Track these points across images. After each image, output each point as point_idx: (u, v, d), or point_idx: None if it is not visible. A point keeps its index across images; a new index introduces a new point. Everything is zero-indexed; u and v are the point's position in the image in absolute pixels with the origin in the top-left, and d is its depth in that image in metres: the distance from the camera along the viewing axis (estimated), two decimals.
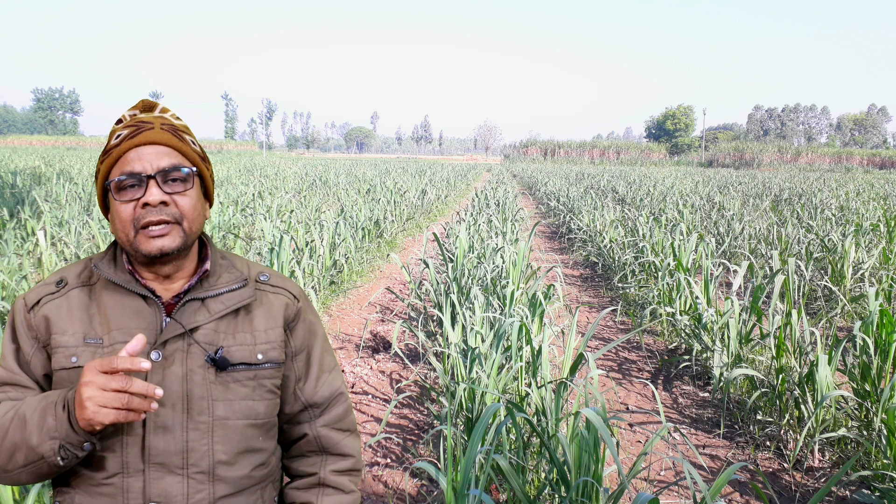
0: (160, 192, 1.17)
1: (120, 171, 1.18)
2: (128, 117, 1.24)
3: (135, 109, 1.26)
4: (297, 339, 1.32)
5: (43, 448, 1.08)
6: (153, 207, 1.16)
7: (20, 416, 1.11)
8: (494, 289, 5.58)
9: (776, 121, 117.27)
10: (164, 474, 1.16)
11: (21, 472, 1.12)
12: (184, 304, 1.21)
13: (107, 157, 1.20)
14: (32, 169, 20.21)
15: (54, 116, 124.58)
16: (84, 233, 8.61)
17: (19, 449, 1.10)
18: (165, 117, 1.25)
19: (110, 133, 1.24)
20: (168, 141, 1.20)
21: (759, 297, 4.85)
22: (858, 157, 71.74)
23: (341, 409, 1.37)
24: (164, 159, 1.19)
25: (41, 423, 1.08)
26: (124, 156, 1.19)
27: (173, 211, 1.18)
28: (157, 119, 1.23)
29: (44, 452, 1.08)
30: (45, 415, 1.09)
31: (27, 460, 1.10)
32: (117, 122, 1.25)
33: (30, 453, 1.09)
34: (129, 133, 1.20)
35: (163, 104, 1.29)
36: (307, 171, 29.97)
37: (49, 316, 1.19)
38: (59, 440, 1.07)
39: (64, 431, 1.07)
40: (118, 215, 1.17)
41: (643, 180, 25.47)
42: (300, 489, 1.34)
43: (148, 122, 1.21)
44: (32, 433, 1.08)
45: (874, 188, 23.74)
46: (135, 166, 1.17)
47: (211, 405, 1.19)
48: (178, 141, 1.21)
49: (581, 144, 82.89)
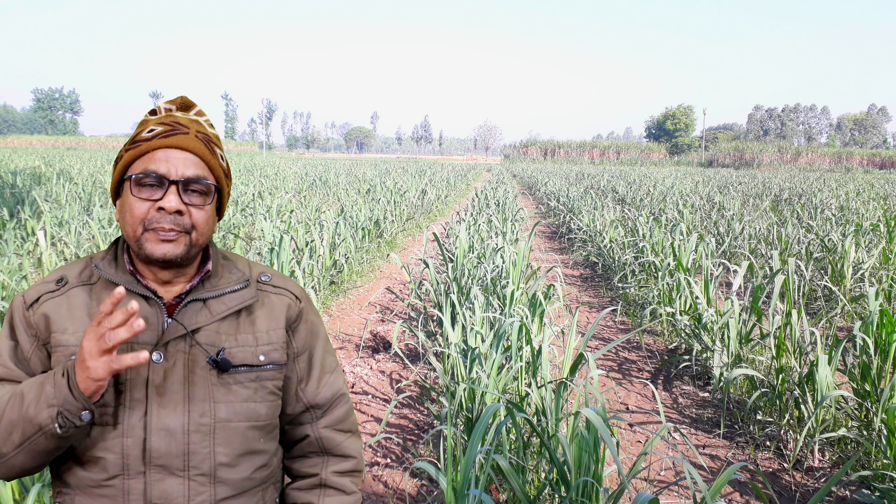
0: (178, 200, 1.15)
1: (144, 166, 1.16)
2: (163, 111, 1.22)
3: (171, 104, 1.24)
4: (299, 340, 1.31)
5: (41, 417, 1.06)
6: (168, 214, 1.14)
7: (17, 393, 1.10)
8: (494, 289, 5.57)
9: (776, 121, 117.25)
10: (165, 476, 1.15)
11: (18, 454, 1.10)
12: (185, 304, 1.20)
13: (134, 147, 1.18)
14: (32, 169, 20.21)
15: (54, 116, 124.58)
16: (84, 233, 8.61)
17: (16, 426, 1.08)
18: (201, 122, 1.23)
19: (142, 122, 1.22)
20: (199, 151, 1.19)
21: (759, 297, 4.85)
22: (858, 157, 71.74)
23: (343, 411, 1.36)
24: (191, 168, 1.17)
25: (39, 392, 1.07)
26: (152, 153, 1.17)
27: (185, 221, 1.16)
28: (194, 124, 1.21)
29: (41, 421, 1.07)
30: (44, 384, 1.08)
31: (24, 435, 1.08)
32: (151, 113, 1.23)
33: (27, 426, 1.08)
34: (163, 131, 1.18)
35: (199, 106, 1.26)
36: (307, 171, 29.97)
37: (49, 314, 1.18)
38: (56, 406, 1.06)
39: (62, 397, 1.06)
40: (130, 210, 1.16)
41: (643, 180, 25.46)
42: (301, 490, 1.34)
43: (184, 125, 1.20)
44: (30, 405, 1.07)
45: (874, 188, 23.74)
46: (160, 167, 1.15)
47: (213, 407, 1.18)
48: (208, 153, 1.20)
49: (581, 144, 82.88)
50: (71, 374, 1.06)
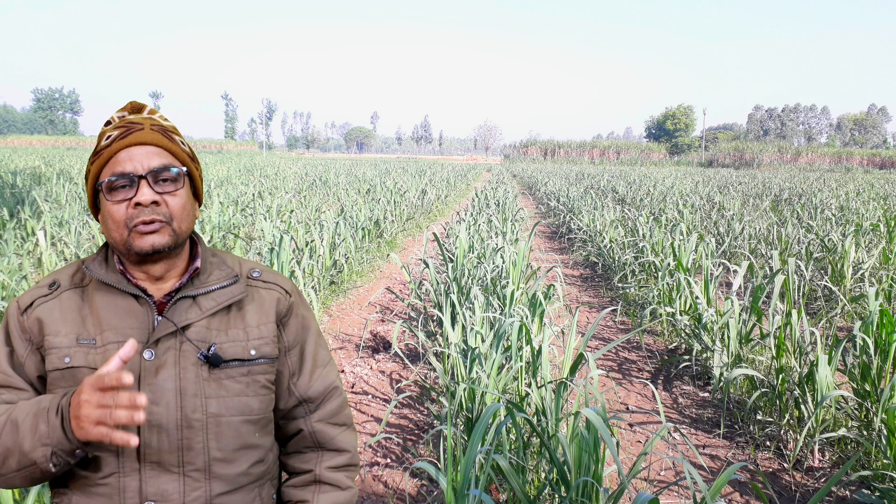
0: (151, 191, 1.18)
1: (111, 171, 1.19)
2: (116, 119, 1.25)
3: (123, 111, 1.27)
4: (290, 333, 1.32)
5: (35, 454, 1.09)
6: (145, 207, 1.17)
7: (13, 420, 1.12)
8: (494, 289, 5.57)
9: (776, 121, 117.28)
10: (160, 473, 1.16)
11: (15, 476, 1.13)
12: (175, 302, 1.21)
13: (97, 158, 1.21)
14: (32, 169, 20.21)
15: (54, 116, 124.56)
16: (84, 233, 8.61)
17: (12, 454, 1.11)
18: (154, 118, 1.26)
19: (99, 135, 1.25)
20: (158, 141, 1.21)
21: (759, 297, 4.85)
22: (858, 157, 71.74)
23: (336, 404, 1.36)
24: (155, 159, 1.20)
25: (33, 429, 1.09)
26: (115, 156, 1.20)
27: (164, 210, 1.19)
28: (147, 120, 1.24)
29: (36, 458, 1.09)
30: (38, 421, 1.09)
31: (20, 465, 1.11)
32: (106, 124, 1.26)
33: (22, 458, 1.10)
34: (119, 134, 1.21)
35: (151, 106, 1.30)
36: (307, 171, 29.97)
37: (42, 318, 1.20)
38: (50, 447, 1.08)
39: (56, 438, 1.08)
40: (111, 216, 1.18)
41: (643, 180, 25.47)
42: (297, 486, 1.34)
43: (137, 122, 1.22)
44: (25, 439, 1.09)
45: (874, 188, 23.74)
46: (126, 167, 1.18)
47: (204, 402, 1.19)
48: (167, 141, 1.23)
49: (581, 144, 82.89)
50: (65, 416, 1.08)
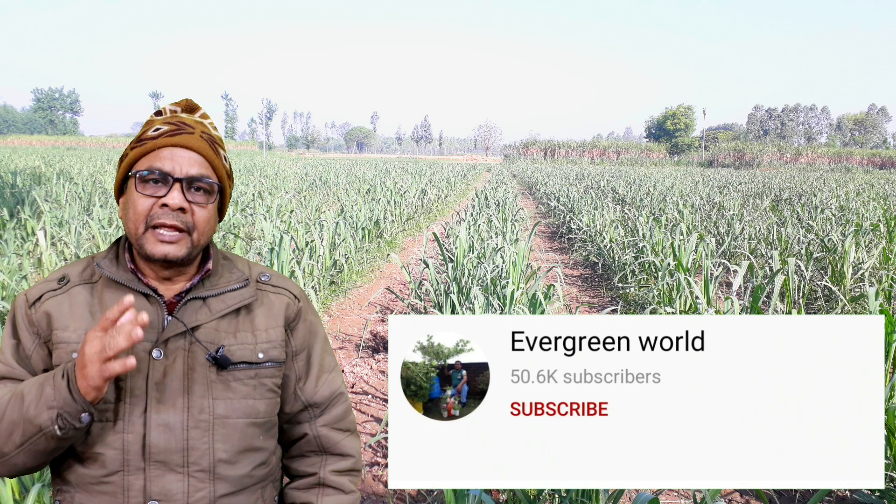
0: (182, 197, 1.18)
1: (149, 164, 1.19)
2: (168, 112, 1.25)
3: (176, 106, 1.27)
4: (298, 338, 1.32)
5: (41, 418, 1.08)
6: (171, 211, 1.17)
7: (18, 394, 1.12)
8: (494, 289, 5.58)
9: (776, 121, 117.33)
10: (164, 472, 1.16)
11: (18, 453, 1.12)
12: (185, 302, 1.22)
13: (140, 145, 1.20)
14: (32, 169, 20.20)
15: (54, 116, 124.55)
16: (84, 233, 8.61)
17: (17, 426, 1.10)
18: (205, 124, 1.26)
19: (147, 122, 1.25)
20: (204, 150, 1.22)
21: (759, 296, 4.85)
22: (858, 157, 71.75)
23: (341, 409, 1.37)
24: (196, 167, 1.20)
25: (39, 394, 1.09)
26: (158, 151, 1.19)
27: (188, 220, 1.19)
28: (198, 125, 1.24)
29: (41, 423, 1.08)
30: (44, 386, 1.10)
31: (24, 436, 1.10)
32: (157, 114, 1.25)
33: (27, 427, 1.09)
34: (169, 130, 1.21)
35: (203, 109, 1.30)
36: (307, 171, 29.97)
37: (50, 312, 1.19)
38: (56, 409, 1.08)
39: (62, 399, 1.07)
40: (134, 206, 1.18)
41: (643, 180, 25.47)
42: (300, 489, 1.35)
43: (189, 125, 1.22)
44: (30, 406, 1.09)
45: (874, 188, 23.75)
46: (165, 164, 1.18)
47: (211, 403, 1.19)
48: (213, 153, 1.23)
49: (581, 144, 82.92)
50: (71, 377, 1.08)
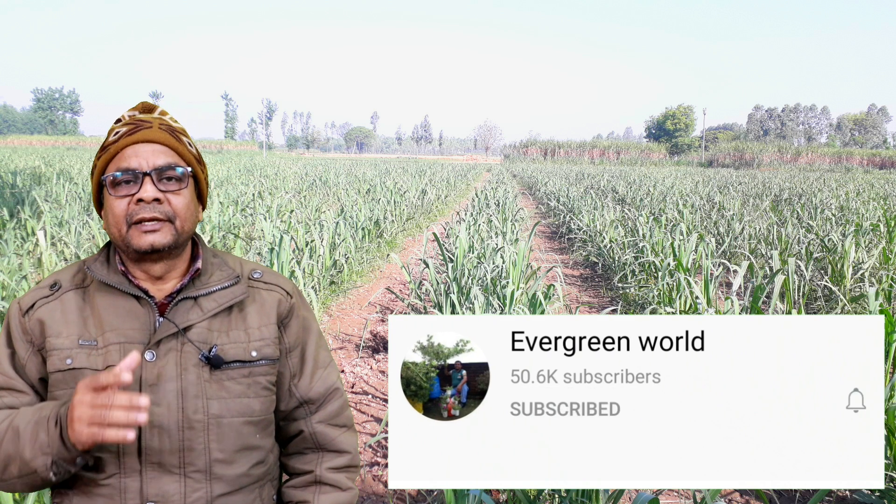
0: (154, 189, 1.18)
1: (116, 167, 1.20)
2: (126, 117, 1.26)
3: (134, 110, 1.28)
4: (291, 335, 1.32)
5: (35, 463, 1.09)
6: (147, 204, 1.18)
7: (14, 428, 1.12)
8: (494, 289, 5.57)
9: (776, 121, 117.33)
10: (161, 474, 1.16)
11: (16, 482, 1.13)
12: (176, 303, 1.21)
13: (104, 153, 1.22)
14: (32, 169, 20.20)
15: (54, 116, 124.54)
16: (84, 233, 8.60)
17: (13, 460, 1.11)
18: (164, 119, 1.27)
19: (109, 131, 1.26)
20: (165, 140, 1.22)
21: (759, 297, 4.85)
22: (858, 157, 71.74)
23: (337, 405, 1.36)
24: (161, 157, 1.20)
25: (34, 437, 1.09)
26: (121, 152, 1.20)
27: (166, 209, 1.19)
28: (156, 120, 1.25)
29: (36, 467, 1.09)
30: (38, 430, 1.09)
31: (21, 472, 1.11)
32: (116, 122, 1.26)
33: (23, 466, 1.10)
34: (127, 130, 1.22)
35: (162, 107, 1.31)
36: (307, 171, 29.97)
37: (43, 319, 1.20)
38: (51, 456, 1.08)
39: (56, 448, 1.08)
40: (112, 210, 1.19)
41: (643, 180, 25.47)
42: (297, 487, 1.34)
43: (146, 121, 1.23)
44: (26, 447, 1.09)
45: (874, 188, 23.74)
46: (131, 163, 1.19)
47: (206, 403, 1.19)
48: (174, 141, 1.23)
49: (581, 144, 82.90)
50: (64, 425, 1.08)
